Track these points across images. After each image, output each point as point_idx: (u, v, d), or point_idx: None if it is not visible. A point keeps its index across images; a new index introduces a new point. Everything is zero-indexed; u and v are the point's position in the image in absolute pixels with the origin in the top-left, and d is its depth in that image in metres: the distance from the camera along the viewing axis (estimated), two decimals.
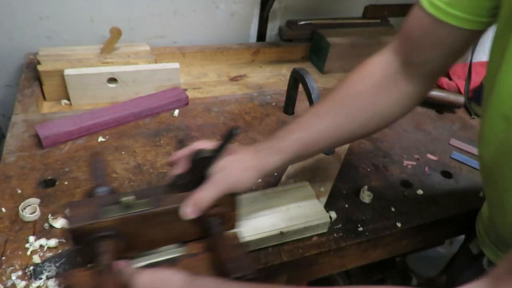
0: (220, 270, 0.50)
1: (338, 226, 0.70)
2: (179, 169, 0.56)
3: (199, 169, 0.54)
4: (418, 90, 0.61)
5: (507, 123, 0.46)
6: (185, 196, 0.52)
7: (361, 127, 0.61)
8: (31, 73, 0.98)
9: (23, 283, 0.55)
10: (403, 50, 0.59)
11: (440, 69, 0.59)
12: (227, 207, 0.55)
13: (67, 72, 0.91)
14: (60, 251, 0.60)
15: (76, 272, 0.49)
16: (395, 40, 0.61)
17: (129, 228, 0.50)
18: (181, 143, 0.64)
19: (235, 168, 0.55)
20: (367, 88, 0.60)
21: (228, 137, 0.53)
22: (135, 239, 0.51)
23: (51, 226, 0.63)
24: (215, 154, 0.54)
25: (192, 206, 0.51)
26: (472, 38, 0.54)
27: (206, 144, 0.57)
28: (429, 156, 0.91)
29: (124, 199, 0.49)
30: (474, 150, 0.96)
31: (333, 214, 0.72)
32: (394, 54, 0.60)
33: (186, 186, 0.54)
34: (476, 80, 1.14)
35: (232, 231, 0.58)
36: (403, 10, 1.46)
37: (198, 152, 0.54)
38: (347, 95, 0.60)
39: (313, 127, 0.59)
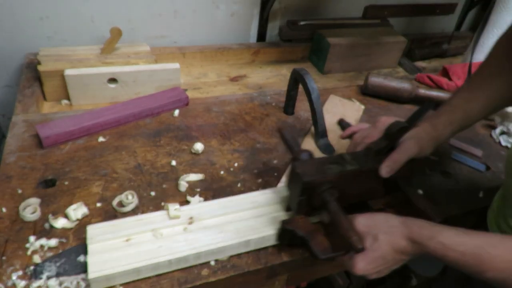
0: (417, 216, 0.59)
1: None
2: (370, 139, 0.69)
3: (395, 137, 0.64)
4: None
5: None
6: (381, 159, 0.64)
7: (490, 112, 0.71)
8: (32, 73, 0.98)
9: (24, 282, 0.55)
10: None
11: None
12: (408, 170, 0.66)
13: (67, 72, 0.91)
14: (60, 251, 0.60)
15: (297, 218, 0.62)
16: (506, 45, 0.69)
17: (343, 183, 0.62)
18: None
19: (422, 138, 0.65)
20: (498, 82, 0.68)
21: (421, 111, 0.64)
22: (344, 192, 0.62)
23: (51, 226, 0.63)
24: (410, 125, 0.63)
25: (389, 166, 0.63)
26: None
27: (390, 119, 0.68)
28: (429, 156, 0.91)
29: (347, 157, 0.64)
30: (474, 150, 0.96)
31: None
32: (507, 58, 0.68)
33: (380, 151, 0.65)
34: None
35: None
36: (403, 10, 1.47)
37: (396, 123, 0.63)
38: (484, 85, 0.68)
39: (472, 98, 0.68)
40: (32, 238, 0.61)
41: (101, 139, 0.83)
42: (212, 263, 0.62)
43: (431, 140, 0.67)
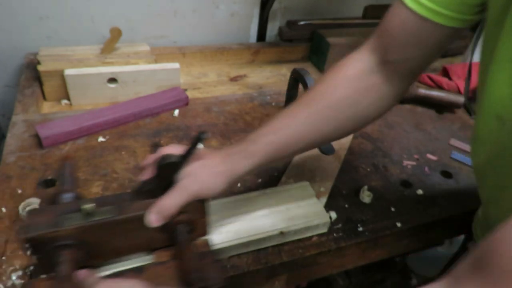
0: (186, 280, 0.49)
1: (338, 226, 0.70)
2: (146, 175, 0.55)
3: (165, 175, 0.52)
4: (395, 89, 0.59)
5: (500, 122, 0.46)
6: (150, 203, 0.50)
7: (336, 129, 0.59)
8: (31, 73, 0.98)
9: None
10: (380, 48, 0.57)
11: (419, 67, 0.57)
12: (195, 214, 0.53)
13: (67, 72, 0.91)
14: None
15: (38, 282, 0.48)
16: (372, 38, 0.58)
17: (90, 237, 0.48)
18: (155, 147, 0.61)
19: (202, 174, 0.53)
20: (342, 89, 0.57)
21: (195, 142, 0.51)
22: (98, 248, 0.50)
23: None
24: (182, 159, 0.52)
25: (156, 213, 0.50)
26: (452, 36, 0.52)
27: (175, 149, 0.55)
28: (429, 156, 0.91)
29: (85, 206, 0.47)
30: None
31: (333, 214, 0.72)
32: (371, 52, 0.58)
33: (152, 193, 0.52)
34: (476, 80, 1.14)
35: (203, 238, 0.56)
36: None
37: (165, 157, 0.52)
38: (322, 96, 0.58)
39: (285, 129, 0.57)
40: None
41: (101, 139, 0.83)
42: None
43: (219, 176, 0.53)
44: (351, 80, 0.57)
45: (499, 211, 0.53)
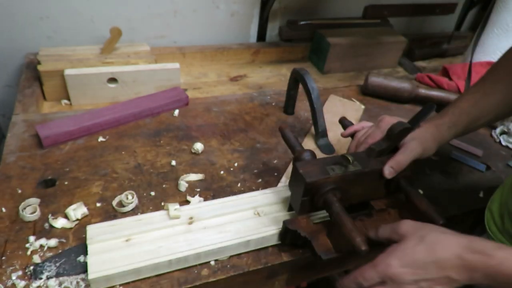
0: (418, 220, 0.57)
1: None
2: (372, 139, 0.68)
3: (397, 138, 0.63)
4: None
5: None
6: (383, 160, 0.63)
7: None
8: (31, 73, 0.98)
9: (23, 283, 0.55)
10: None
11: None
12: (411, 171, 0.65)
13: (67, 72, 0.91)
14: (60, 251, 0.60)
15: (300, 219, 0.62)
16: None
17: (345, 183, 0.61)
18: (344, 121, 0.81)
19: (425, 138, 0.65)
20: None
21: (424, 112, 0.65)
22: (346, 193, 0.62)
23: (51, 226, 0.63)
24: (413, 125, 0.63)
25: (392, 166, 0.62)
26: None
27: (393, 119, 0.68)
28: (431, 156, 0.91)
29: (350, 157, 0.62)
30: (474, 150, 0.96)
31: None
32: None
33: (382, 152, 0.64)
34: (476, 80, 1.13)
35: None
36: (403, 10, 1.46)
37: (399, 124, 0.62)
38: (507, 75, 0.66)
39: (480, 103, 0.67)
40: (32, 238, 0.61)
41: (101, 139, 0.83)
42: (212, 263, 0.62)
43: (434, 141, 0.66)
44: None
45: None
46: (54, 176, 0.72)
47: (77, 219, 0.65)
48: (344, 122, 0.82)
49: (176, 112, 0.93)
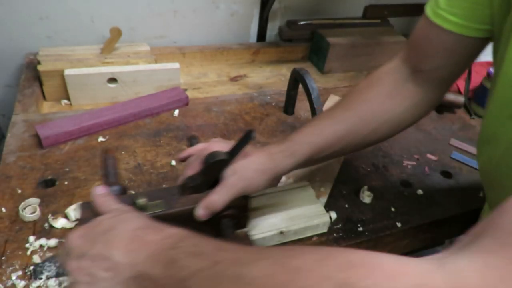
0: None
1: (338, 226, 0.70)
2: (191, 170, 0.56)
3: (212, 171, 0.54)
4: (429, 97, 0.62)
5: None
6: (197, 198, 0.53)
7: (372, 133, 0.61)
8: (31, 73, 0.98)
9: (23, 283, 0.55)
10: (412, 58, 0.61)
11: (451, 76, 0.60)
12: (239, 209, 0.56)
13: (67, 72, 0.91)
14: (60, 251, 0.60)
15: None
16: (404, 49, 0.63)
17: None
18: (192, 140, 0.65)
19: (249, 171, 0.54)
20: (377, 95, 0.61)
21: (244, 141, 0.53)
22: None
23: (51, 226, 0.63)
24: (230, 157, 0.54)
25: (205, 208, 0.52)
26: (479, 46, 0.55)
27: (220, 144, 0.58)
28: (429, 156, 0.91)
29: (139, 201, 0.50)
30: (474, 150, 0.96)
31: (333, 214, 0.72)
32: (404, 62, 0.62)
33: (198, 187, 0.54)
34: (476, 80, 1.14)
35: (242, 230, 0.59)
36: (403, 10, 1.46)
37: (213, 154, 0.54)
38: (359, 101, 0.62)
39: (325, 131, 0.60)
40: (31, 238, 0.61)
41: (101, 139, 0.83)
42: None
43: (262, 174, 0.55)
44: (386, 87, 0.61)
45: None
46: (54, 176, 0.72)
47: (77, 219, 0.65)
48: (192, 141, 0.65)
49: (176, 112, 0.93)
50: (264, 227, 0.64)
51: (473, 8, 0.50)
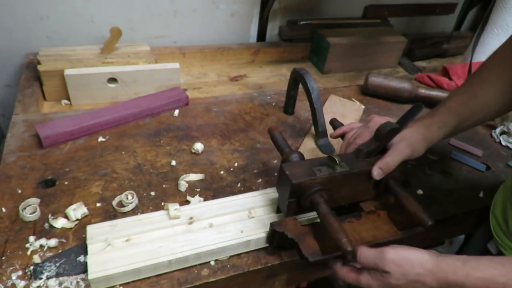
0: (408, 221, 0.61)
1: None
2: (361, 140, 0.67)
3: (386, 138, 0.62)
4: None
5: None
6: (372, 161, 0.62)
7: (502, 107, 0.68)
8: (31, 73, 0.98)
9: (23, 283, 0.55)
10: None
11: None
12: (401, 173, 0.64)
13: (67, 72, 0.91)
14: (60, 251, 0.60)
15: (287, 221, 0.61)
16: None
17: (332, 185, 0.60)
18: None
19: (414, 139, 0.63)
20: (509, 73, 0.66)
21: (412, 112, 0.64)
22: (334, 194, 0.61)
23: (51, 226, 0.63)
24: (401, 126, 0.62)
25: (381, 168, 0.61)
26: None
27: (382, 119, 0.68)
28: (429, 156, 0.91)
29: (336, 158, 0.60)
30: (474, 150, 0.96)
31: None
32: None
33: (370, 153, 0.63)
34: None
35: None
36: (403, 10, 1.46)
37: (386, 124, 0.61)
38: (492, 76, 0.67)
39: (468, 103, 0.67)
40: (32, 238, 0.61)
41: (101, 139, 0.83)
42: (212, 263, 0.62)
43: (423, 142, 0.64)
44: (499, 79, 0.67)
45: None
46: (54, 176, 0.72)
47: (77, 219, 0.65)
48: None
49: (176, 112, 0.93)
50: (263, 227, 0.64)
51: None
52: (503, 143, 1.01)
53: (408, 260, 0.52)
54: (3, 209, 0.65)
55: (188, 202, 0.70)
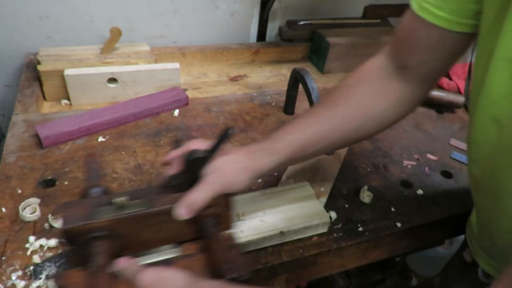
0: (215, 271, 0.50)
1: (338, 226, 0.70)
2: (173, 169, 0.55)
3: (192, 169, 0.53)
4: (414, 93, 0.61)
5: (498, 125, 0.45)
6: (179, 197, 0.52)
7: (357, 130, 0.61)
8: (31, 73, 0.98)
9: (23, 283, 0.55)
10: (397, 53, 0.60)
11: (436, 72, 0.59)
12: (222, 208, 0.55)
13: (67, 72, 0.91)
14: (60, 251, 0.60)
15: (71, 273, 0.49)
16: (390, 44, 0.61)
17: (123, 229, 0.50)
18: (177, 143, 0.62)
19: (228, 169, 0.54)
20: (362, 92, 0.60)
21: (222, 137, 0.52)
22: (129, 240, 0.51)
23: (51, 226, 0.63)
24: (209, 154, 0.53)
25: (185, 207, 0.51)
26: (465, 41, 0.54)
27: (201, 144, 0.56)
28: (429, 156, 0.91)
29: (117, 199, 0.49)
30: None
31: (333, 214, 0.72)
32: (389, 57, 0.61)
33: (180, 187, 0.53)
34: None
35: (227, 231, 0.57)
36: (403, 10, 1.45)
37: (192, 152, 0.53)
38: (343, 98, 0.61)
39: (308, 128, 0.59)
40: (31, 238, 0.61)
41: (101, 139, 0.83)
42: None
43: (244, 172, 0.55)
44: (371, 84, 0.60)
45: (498, 218, 0.52)
46: (54, 176, 0.72)
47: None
48: (177, 144, 0.62)
49: (176, 112, 0.93)
50: (263, 227, 0.64)
51: (459, 2, 0.50)
52: None
53: (164, 280, 0.44)
54: (3, 209, 0.65)
55: None
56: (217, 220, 0.55)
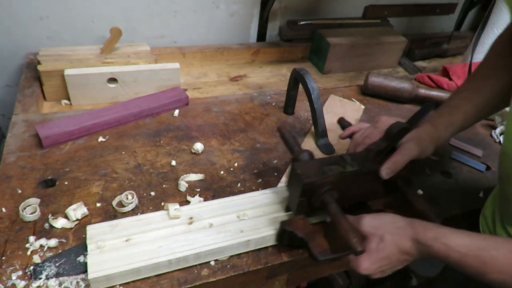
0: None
1: None
2: (370, 140, 0.69)
3: (395, 138, 0.63)
4: None
5: None
6: (381, 160, 0.63)
7: (489, 113, 0.71)
8: (31, 73, 0.98)
9: (23, 283, 0.55)
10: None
11: None
12: (409, 171, 0.65)
13: (67, 72, 0.91)
14: (60, 251, 0.60)
15: (296, 220, 0.62)
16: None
17: (343, 184, 0.62)
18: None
19: (422, 139, 0.65)
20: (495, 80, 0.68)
21: (422, 113, 0.65)
22: (343, 193, 0.62)
23: (51, 226, 0.63)
24: (411, 126, 0.64)
25: (389, 168, 0.62)
26: None
27: (391, 120, 0.69)
28: (429, 156, 0.91)
29: (347, 158, 0.63)
30: (474, 150, 0.96)
31: None
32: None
33: (379, 152, 0.64)
34: None
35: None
36: (403, 10, 1.47)
37: (396, 124, 0.63)
38: (493, 70, 0.68)
39: (473, 99, 0.68)
40: (32, 238, 0.61)
41: (101, 139, 0.83)
42: (212, 263, 0.62)
43: (432, 141, 0.66)
44: (500, 72, 0.68)
45: None
46: (54, 176, 0.72)
47: (77, 219, 0.65)
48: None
49: (176, 112, 0.93)
50: (263, 227, 0.64)
51: None
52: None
53: (380, 222, 0.58)
54: (3, 209, 0.65)
55: (188, 202, 0.70)
56: (407, 181, 0.66)
